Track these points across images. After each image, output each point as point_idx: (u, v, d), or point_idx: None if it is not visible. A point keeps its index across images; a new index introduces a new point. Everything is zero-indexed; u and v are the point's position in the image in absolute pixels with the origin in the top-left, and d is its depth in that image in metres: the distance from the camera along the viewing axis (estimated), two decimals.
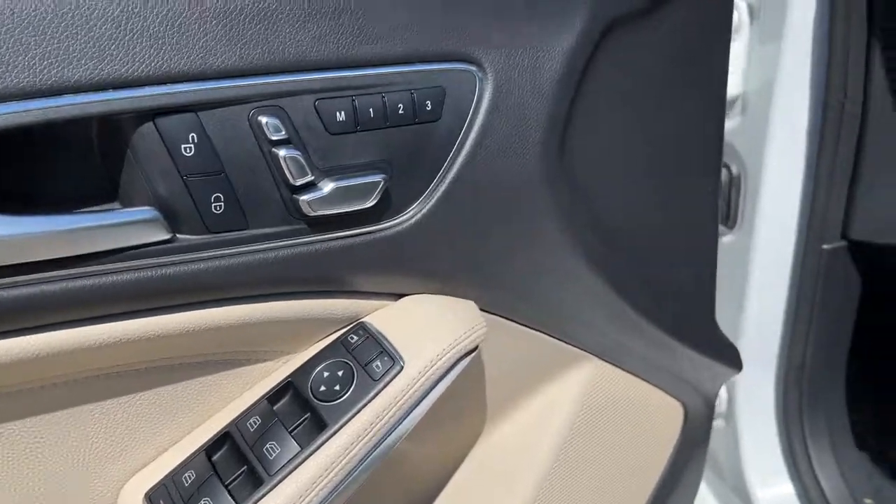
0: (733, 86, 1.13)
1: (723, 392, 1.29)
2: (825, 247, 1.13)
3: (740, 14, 1.09)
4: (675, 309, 0.82)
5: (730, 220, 1.20)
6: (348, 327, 0.62)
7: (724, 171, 1.19)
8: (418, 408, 0.59)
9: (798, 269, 1.15)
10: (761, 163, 1.11)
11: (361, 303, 0.61)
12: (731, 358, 0.93)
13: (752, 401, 1.27)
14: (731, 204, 1.19)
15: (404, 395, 0.58)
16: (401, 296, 0.63)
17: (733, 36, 1.11)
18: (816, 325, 1.17)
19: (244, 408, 0.59)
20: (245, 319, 0.56)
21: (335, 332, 0.62)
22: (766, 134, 1.09)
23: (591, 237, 0.70)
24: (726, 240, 1.22)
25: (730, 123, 1.17)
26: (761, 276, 1.18)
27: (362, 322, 0.62)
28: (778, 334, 1.22)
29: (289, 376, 0.60)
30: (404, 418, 0.59)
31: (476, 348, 0.63)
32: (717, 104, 0.83)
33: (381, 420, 0.57)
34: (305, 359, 0.61)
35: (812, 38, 1.02)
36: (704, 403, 0.89)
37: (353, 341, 0.60)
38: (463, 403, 0.73)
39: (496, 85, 0.60)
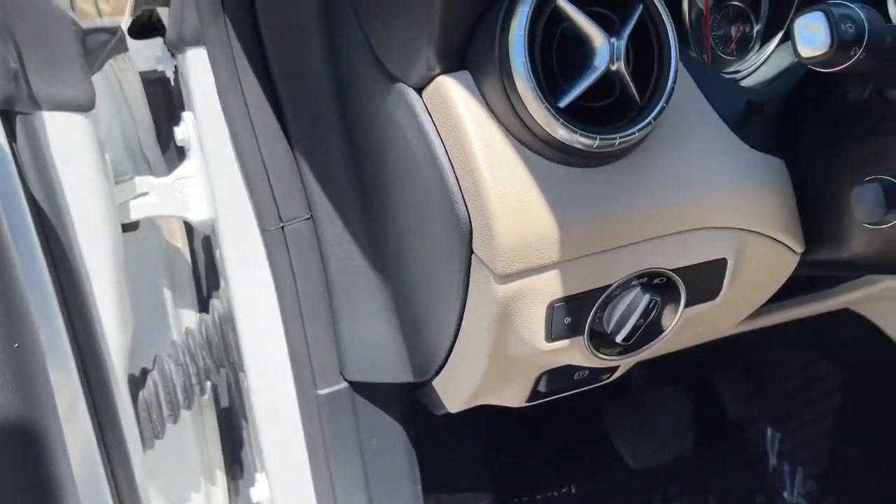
0: (201, 211, 0.97)
1: None
2: (321, 392, 0.95)
3: (188, 127, 0.93)
4: None
5: (237, 363, 1.02)
6: None
7: (218, 306, 1.02)
8: None
9: (301, 417, 0.97)
10: (232, 301, 0.94)
11: None
12: None
13: None
14: (228, 345, 1.01)
15: None
16: None
17: (187, 153, 0.96)
18: (335, 476, 0.99)
19: None
20: None
21: None
22: (226, 268, 0.93)
23: None
24: (245, 385, 1.04)
25: (218, 253, 1.00)
26: (270, 429, 0.99)
27: None
28: (310, 488, 1.03)
29: None
30: None
31: None
32: None
33: None
34: None
35: (231, 160, 0.86)
36: None
37: None
38: None
39: None
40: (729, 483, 1.50)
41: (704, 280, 0.69)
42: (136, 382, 1.00)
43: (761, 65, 0.79)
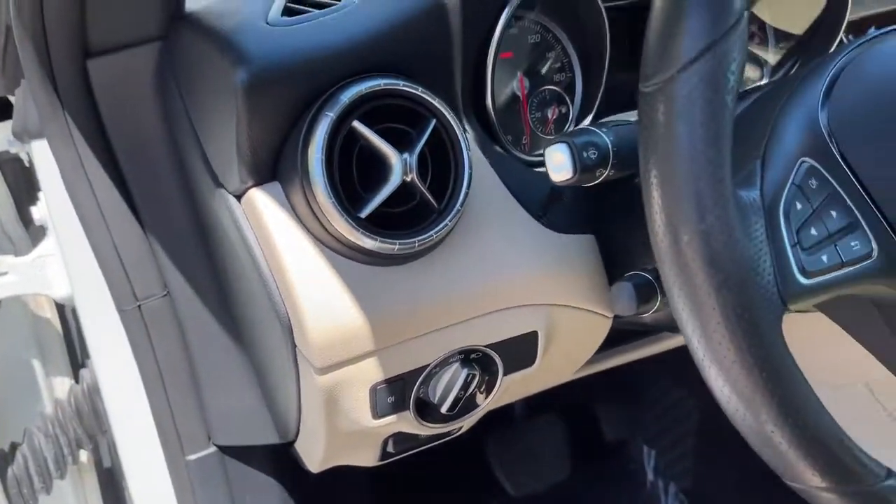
0: (63, 287, 0.99)
1: None
2: (189, 458, 0.98)
3: (45, 206, 0.95)
4: None
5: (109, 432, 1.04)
6: None
7: (87, 375, 1.04)
8: None
9: (172, 483, 1.00)
10: (96, 374, 0.97)
11: None
12: None
13: None
14: (99, 414, 1.03)
15: None
16: None
17: (46, 232, 0.98)
18: None
19: None
20: None
21: None
22: (87, 343, 0.95)
23: None
24: None
25: None
26: (143, 495, 1.02)
27: None
28: None
29: None
30: None
31: None
32: None
33: None
34: None
35: (85, 241, 0.88)
36: None
37: None
38: None
39: None
40: (608, 500, 1.58)
41: (519, 351, 0.75)
42: (5, 457, 1.01)
43: None
